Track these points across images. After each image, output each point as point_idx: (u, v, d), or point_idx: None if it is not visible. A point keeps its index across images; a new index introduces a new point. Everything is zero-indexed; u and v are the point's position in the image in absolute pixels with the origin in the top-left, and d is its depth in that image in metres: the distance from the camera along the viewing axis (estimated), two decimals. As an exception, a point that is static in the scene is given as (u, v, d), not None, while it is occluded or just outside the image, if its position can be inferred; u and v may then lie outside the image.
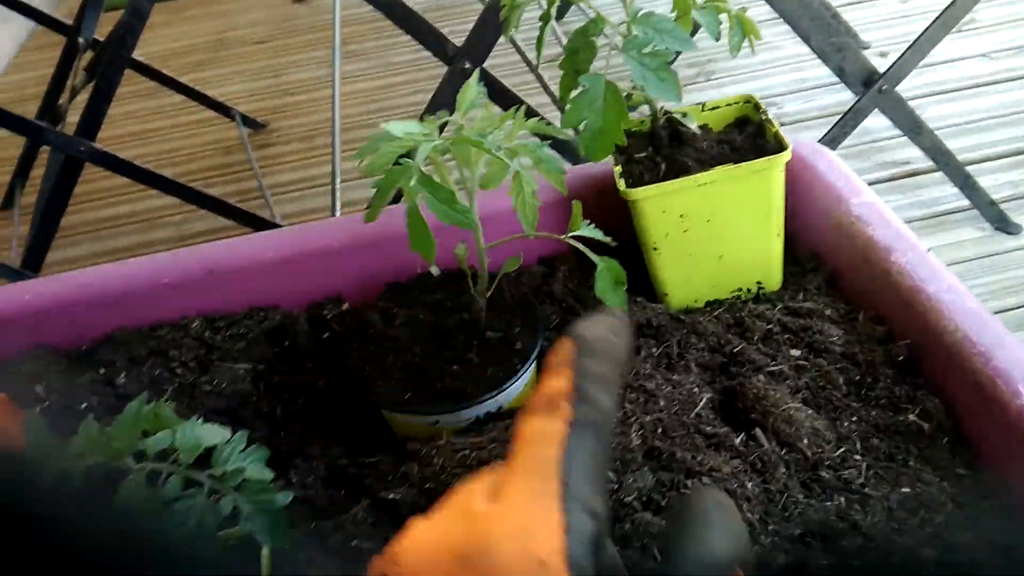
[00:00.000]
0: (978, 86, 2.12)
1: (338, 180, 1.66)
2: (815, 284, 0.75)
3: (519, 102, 1.23)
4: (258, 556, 0.46)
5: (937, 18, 1.48)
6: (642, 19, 0.62)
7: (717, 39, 0.66)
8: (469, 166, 0.61)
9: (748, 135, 0.74)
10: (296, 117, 2.41)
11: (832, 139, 1.53)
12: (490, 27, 1.13)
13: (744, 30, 0.67)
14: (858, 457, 0.60)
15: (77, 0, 3.00)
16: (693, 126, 0.71)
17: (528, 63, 1.66)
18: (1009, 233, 1.64)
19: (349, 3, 2.39)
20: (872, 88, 1.39)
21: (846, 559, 0.54)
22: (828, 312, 0.71)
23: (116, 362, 0.80)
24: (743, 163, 0.68)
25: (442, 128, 0.60)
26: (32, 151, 2.09)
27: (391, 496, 0.61)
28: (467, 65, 1.17)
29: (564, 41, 0.68)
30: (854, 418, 0.63)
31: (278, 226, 1.70)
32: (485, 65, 1.27)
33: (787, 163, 0.71)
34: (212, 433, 0.49)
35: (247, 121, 2.34)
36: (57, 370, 0.82)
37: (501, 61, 2.28)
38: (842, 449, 0.61)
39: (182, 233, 1.98)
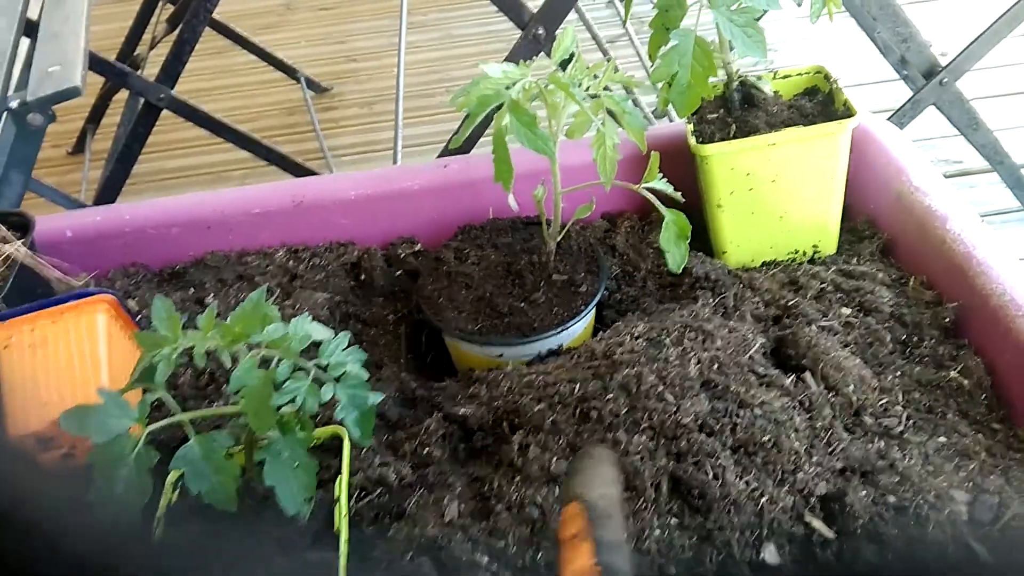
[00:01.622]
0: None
1: (400, 146, 1.72)
2: (869, 250, 0.79)
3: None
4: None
5: (1004, 14, 1.48)
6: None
7: (800, 4, 0.69)
8: (556, 116, 0.65)
9: (818, 102, 0.78)
10: (358, 83, 2.46)
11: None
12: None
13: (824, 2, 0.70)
14: (899, 407, 0.64)
15: (152, -42, 3.07)
16: (767, 89, 0.75)
17: (591, 31, 1.70)
18: (1063, 236, 1.64)
19: (414, -27, 2.45)
20: (933, 80, 1.41)
21: (883, 493, 0.58)
22: (880, 276, 0.75)
23: (206, 283, 0.86)
24: (812, 125, 0.72)
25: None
26: (106, 99, 2.17)
27: (460, 411, 0.66)
28: (540, 31, 1.21)
29: (623, 10, 0.71)
30: (898, 373, 0.67)
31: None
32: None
33: (852, 134, 0.74)
34: (319, 329, 0.55)
35: (311, 84, 2.40)
36: (150, 287, 0.88)
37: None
38: (885, 399, 0.65)
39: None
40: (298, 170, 1.71)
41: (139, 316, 0.84)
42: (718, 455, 0.57)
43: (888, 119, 1.56)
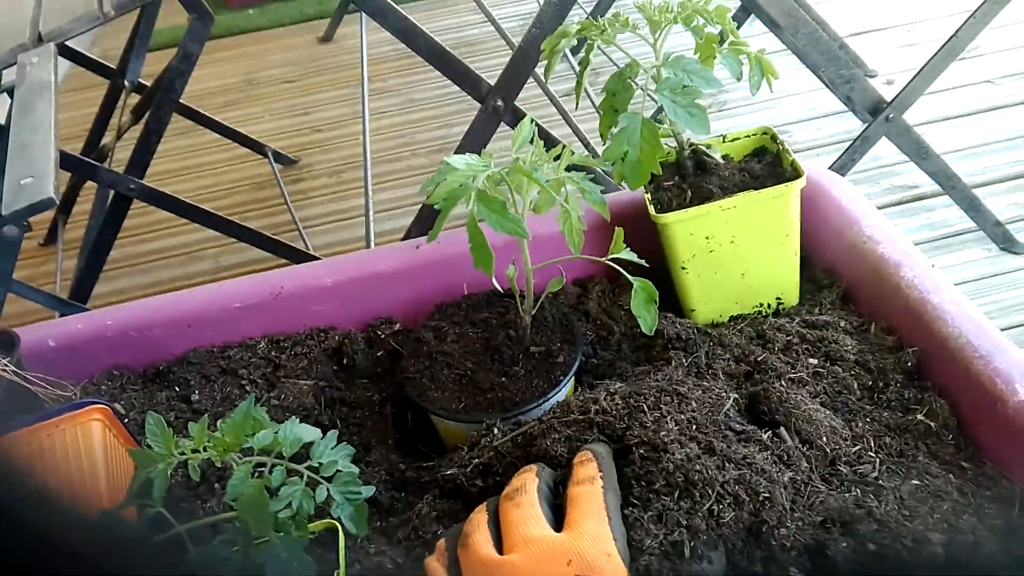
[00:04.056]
0: (982, 111, 2.19)
1: (371, 212, 1.75)
2: (830, 299, 0.82)
3: (550, 135, 1.31)
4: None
5: (942, 47, 1.55)
6: (673, 62, 0.70)
7: (739, 79, 0.74)
8: (521, 193, 0.68)
9: (767, 163, 0.82)
10: (325, 153, 2.51)
11: (842, 166, 1.60)
12: (520, 67, 1.22)
13: (763, 70, 0.74)
14: (872, 453, 0.67)
15: (109, 42, 3.12)
16: (717, 156, 0.78)
17: (551, 97, 1.74)
18: (1014, 253, 1.70)
19: (372, 41, 2.50)
20: (879, 116, 1.47)
21: (862, 542, 0.60)
22: (842, 324, 0.78)
23: (190, 380, 0.87)
24: (763, 189, 0.76)
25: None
26: (75, 189, 2.19)
27: (448, 472, 0.68)
28: (499, 103, 1.25)
29: (577, 72, 0.75)
30: (867, 419, 0.70)
31: (315, 257, 1.78)
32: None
33: (802, 188, 0.78)
34: (308, 431, 0.57)
35: (278, 157, 2.44)
36: (134, 389, 0.89)
37: (523, 95, 2.37)
38: (857, 447, 0.67)
39: (220, 265, 2.07)
40: (269, 244, 1.73)
41: (126, 419, 0.85)
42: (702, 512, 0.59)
43: (842, 154, 1.62)
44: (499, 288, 0.78)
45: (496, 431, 0.71)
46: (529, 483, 0.61)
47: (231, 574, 0.56)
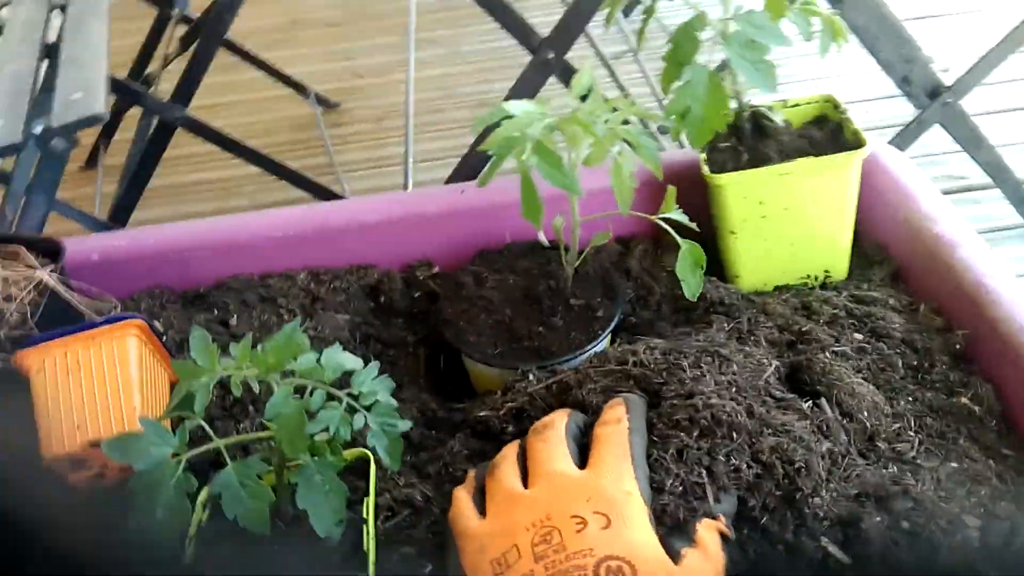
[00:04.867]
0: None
1: (411, 160, 1.74)
2: (880, 276, 0.80)
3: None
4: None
5: (1007, 36, 1.51)
6: (742, 17, 0.68)
7: (808, 39, 0.71)
8: (575, 146, 0.67)
9: (827, 131, 0.80)
10: (367, 99, 2.49)
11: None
12: (575, 18, 1.20)
13: (834, 33, 0.72)
14: (912, 433, 0.66)
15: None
16: (778, 119, 0.77)
17: (601, 57, 1.72)
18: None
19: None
20: (937, 100, 1.43)
21: (897, 519, 0.59)
22: (891, 302, 0.76)
23: (229, 305, 0.88)
24: (823, 156, 0.74)
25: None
26: (118, 116, 2.20)
27: (482, 414, 0.68)
28: (550, 56, 1.23)
29: (632, 37, 0.74)
30: (910, 398, 0.69)
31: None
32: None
33: (862, 161, 0.76)
34: (350, 360, 0.57)
35: (320, 100, 2.43)
36: (174, 308, 0.90)
37: (571, 55, 2.34)
38: (897, 424, 0.66)
39: (256, 203, 2.07)
40: (308, 185, 1.73)
41: (164, 337, 0.85)
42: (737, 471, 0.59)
43: (893, 138, 1.58)
44: (544, 240, 0.77)
45: (531, 377, 0.71)
46: (559, 420, 0.61)
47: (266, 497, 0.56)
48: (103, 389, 0.69)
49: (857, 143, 0.75)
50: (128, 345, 0.71)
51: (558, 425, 0.60)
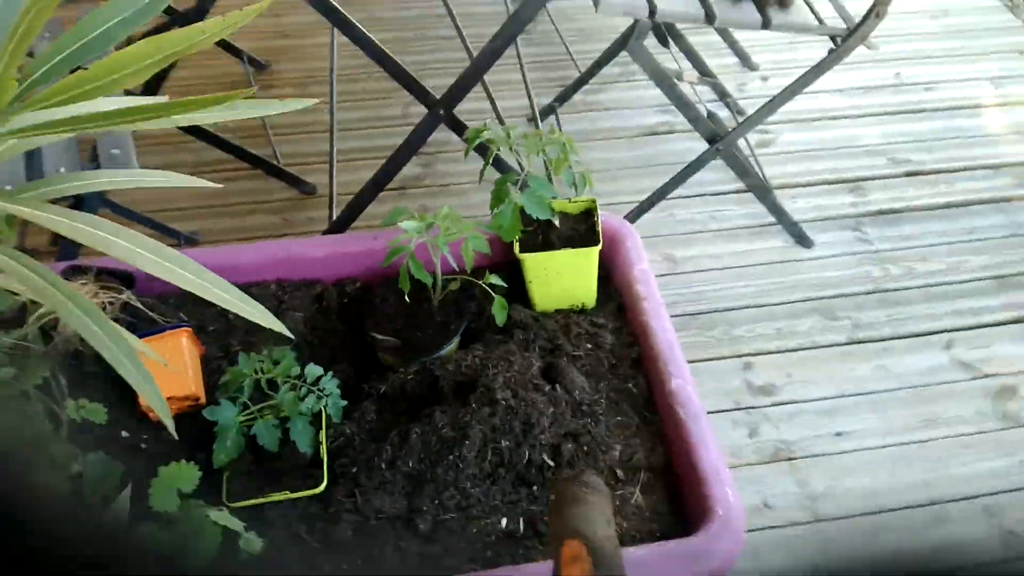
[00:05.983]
0: (826, 119, 2.76)
1: (335, 129, 2.22)
2: (611, 308, 1.43)
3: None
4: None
5: (772, 97, 2.11)
6: (531, 177, 1.26)
7: (571, 187, 1.31)
8: (448, 239, 1.26)
9: (590, 225, 1.40)
10: (291, 62, 2.89)
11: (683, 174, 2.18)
12: (466, 81, 1.72)
13: (586, 181, 1.31)
14: (603, 402, 1.30)
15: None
16: (556, 221, 1.36)
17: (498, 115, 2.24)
18: (804, 247, 2.32)
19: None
20: (712, 147, 2.03)
21: (580, 446, 1.24)
22: (610, 325, 1.40)
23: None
24: (578, 248, 1.35)
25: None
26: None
27: (382, 388, 1.29)
28: (441, 112, 1.76)
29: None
30: (605, 383, 1.33)
31: (283, 167, 2.28)
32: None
33: (609, 229, 1.37)
34: (318, 371, 1.16)
35: (252, 61, 2.83)
36: (191, 307, 1.45)
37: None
38: (596, 396, 1.30)
39: (201, 160, 2.51)
40: (241, 152, 2.20)
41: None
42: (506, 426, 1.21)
43: (685, 168, 2.19)
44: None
45: (412, 365, 1.32)
46: None
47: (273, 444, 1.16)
48: (170, 369, 1.26)
49: (597, 240, 1.37)
50: (182, 343, 1.27)
51: None
